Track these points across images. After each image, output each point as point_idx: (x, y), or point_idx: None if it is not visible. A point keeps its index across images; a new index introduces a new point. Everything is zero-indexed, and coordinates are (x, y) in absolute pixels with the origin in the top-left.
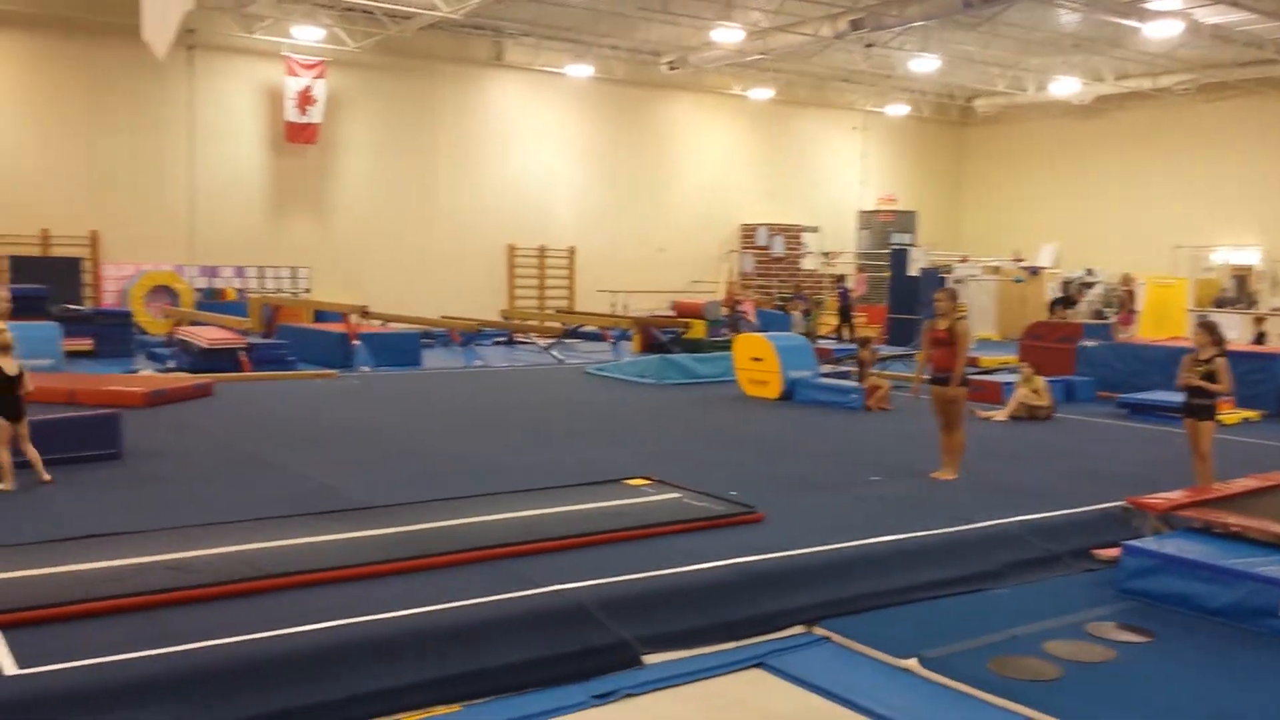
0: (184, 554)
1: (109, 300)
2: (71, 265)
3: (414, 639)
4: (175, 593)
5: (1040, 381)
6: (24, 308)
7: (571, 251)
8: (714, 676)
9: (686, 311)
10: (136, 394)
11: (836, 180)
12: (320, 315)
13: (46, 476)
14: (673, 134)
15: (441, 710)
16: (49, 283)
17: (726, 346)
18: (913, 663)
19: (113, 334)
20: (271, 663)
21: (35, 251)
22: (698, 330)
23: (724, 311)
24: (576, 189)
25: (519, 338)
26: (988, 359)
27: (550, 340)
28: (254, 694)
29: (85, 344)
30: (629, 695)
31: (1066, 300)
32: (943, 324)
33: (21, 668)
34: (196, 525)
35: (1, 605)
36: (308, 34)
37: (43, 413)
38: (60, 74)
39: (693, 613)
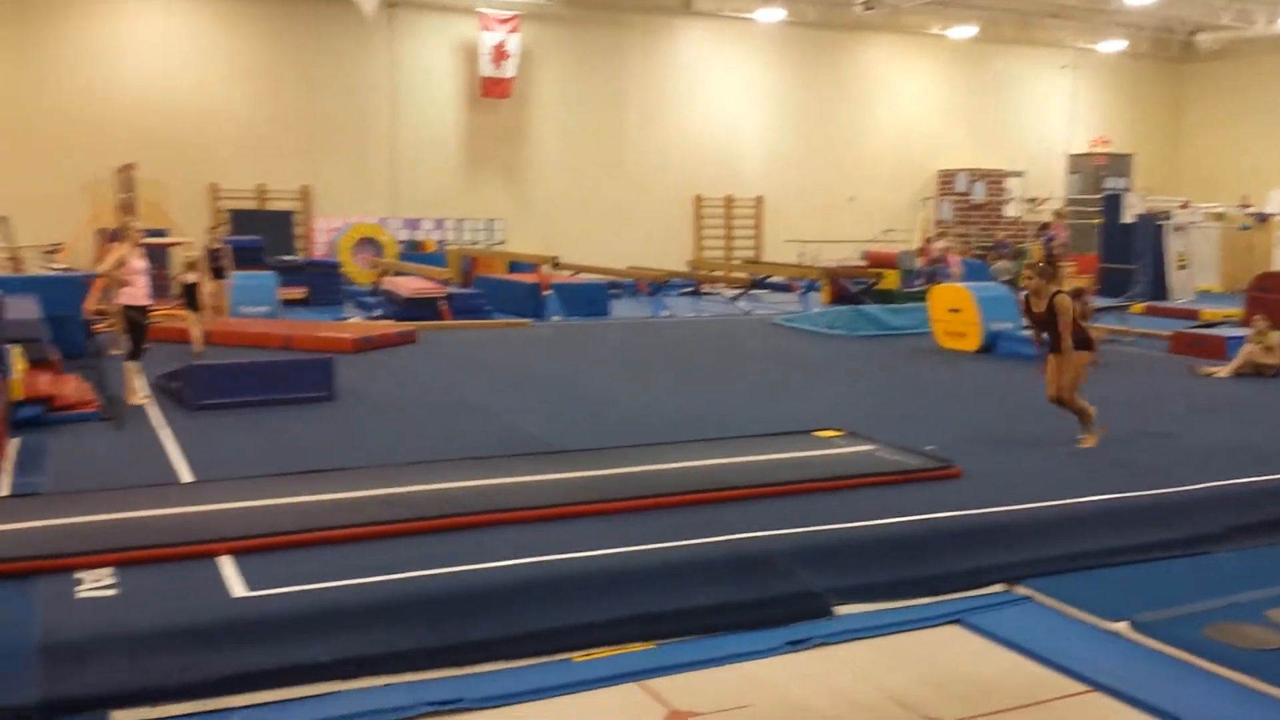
0: (394, 490)
1: (319, 251)
2: (285, 218)
3: (611, 578)
4: (387, 526)
5: (1275, 337)
6: (243, 258)
7: (759, 201)
8: (909, 631)
9: (878, 261)
10: (346, 340)
11: (1043, 122)
12: (514, 266)
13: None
14: (866, 77)
15: (636, 647)
16: (265, 235)
17: (920, 297)
18: (1123, 626)
19: (323, 283)
20: (475, 594)
21: (252, 205)
22: (890, 281)
23: (919, 262)
24: (764, 137)
25: (705, 288)
26: (1210, 311)
27: (737, 291)
28: (459, 623)
29: (299, 292)
30: (821, 644)
31: None
32: (1039, 306)
33: (250, 590)
34: (405, 463)
35: (233, 533)
36: None
37: (262, 356)
38: (278, 36)
39: (887, 566)
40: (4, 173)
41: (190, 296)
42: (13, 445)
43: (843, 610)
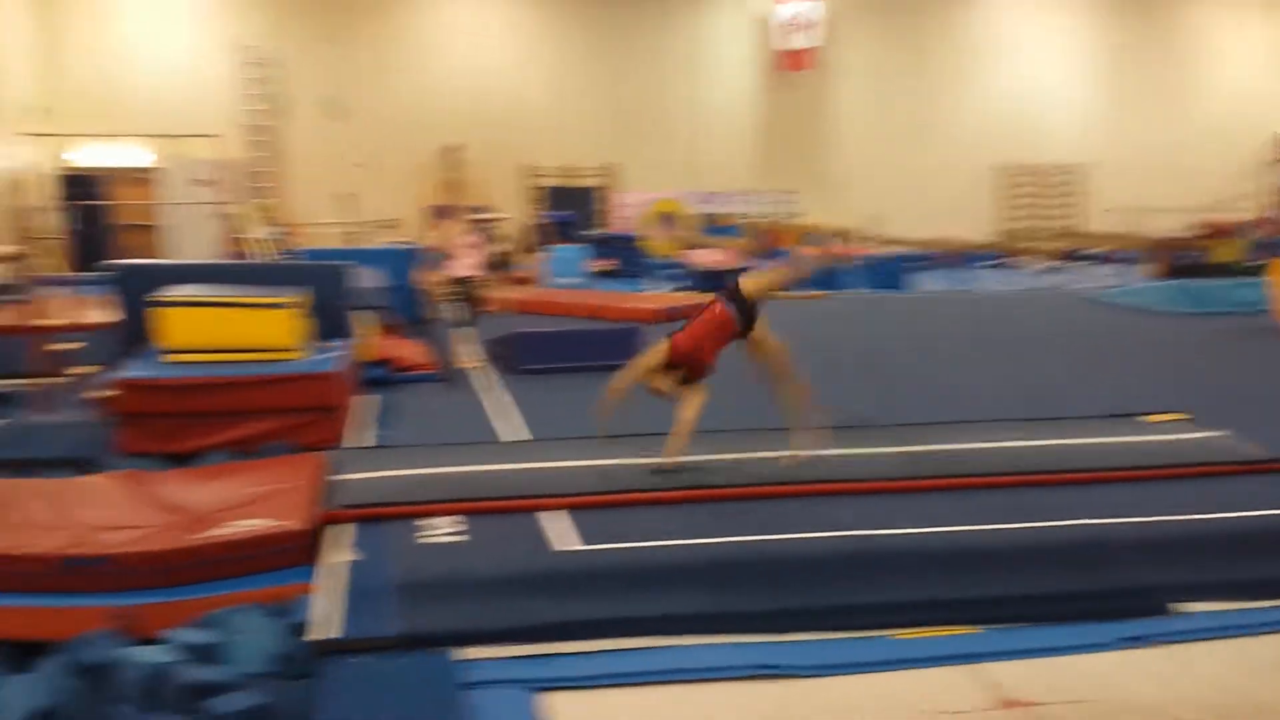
0: (706, 456)
1: (622, 226)
2: (590, 194)
3: (936, 557)
4: (710, 490)
5: None
6: (556, 232)
7: (1073, 168)
8: (1258, 634)
9: (1211, 232)
10: (648, 310)
11: None
12: (809, 238)
13: None
14: (1195, 33)
15: (963, 630)
16: (575, 210)
17: (1259, 272)
18: None
19: (626, 256)
20: (797, 563)
21: (563, 182)
22: (1226, 253)
23: (1259, 232)
24: (1079, 100)
25: (1014, 261)
26: None
27: (1049, 263)
28: (781, 589)
29: (606, 265)
30: (1158, 643)
31: None
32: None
33: (585, 544)
34: (713, 430)
35: (564, 490)
36: None
37: (574, 324)
38: (587, 20)
39: (1237, 563)
40: (353, 155)
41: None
42: (366, 402)
43: (1185, 608)
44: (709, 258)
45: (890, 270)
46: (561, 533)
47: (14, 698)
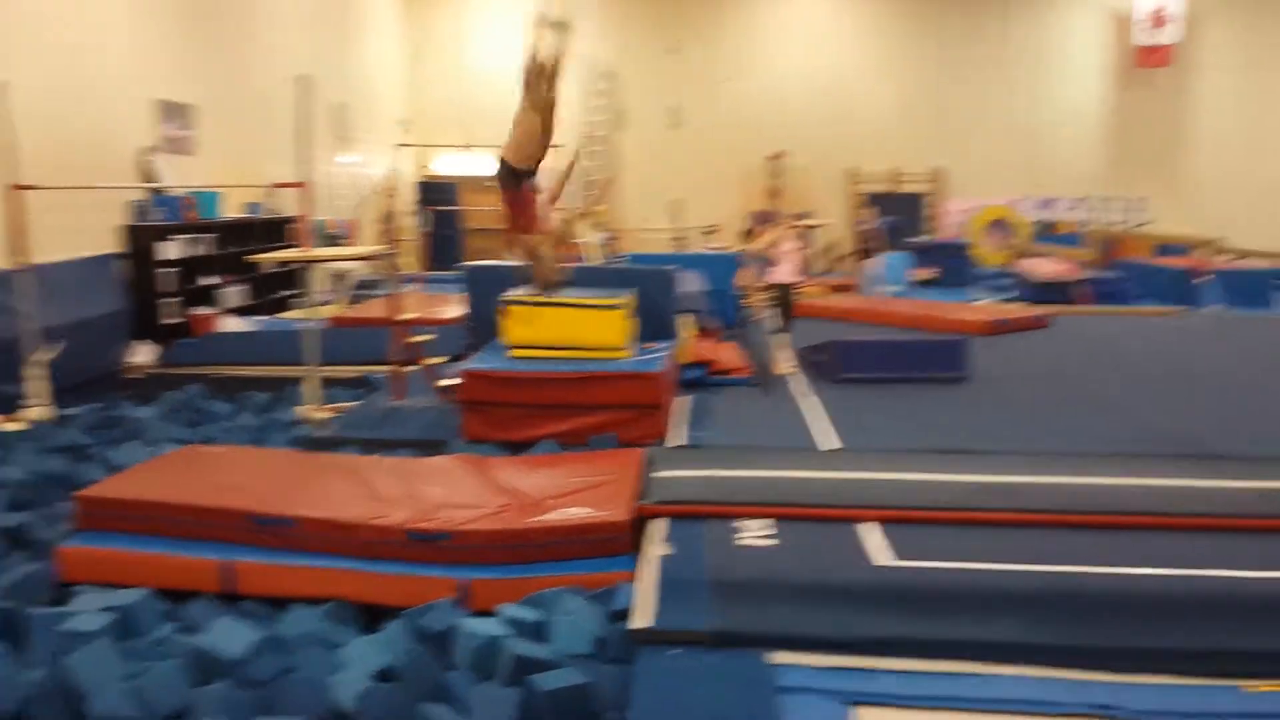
0: (1035, 479)
1: (948, 233)
2: (916, 201)
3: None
4: (1037, 515)
5: None
6: (878, 239)
7: None
8: None
9: None
10: (978, 322)
11: None
12: (1162, 249)
13: None
14: None
15: None
16: (898, 216)
17: None
18: None
19: (952, 264)
20: (1136, 599)
21: (886, 188)
22: None
23: None
24: None
25: None
26: None
27: None
28: (1117, 626)
29: (928, 273)
30: None
31: None
32: None
33: (898, 559)
34: (1047, 453)
35: (878, 502)
36: None
37: (895, 334)
38: (918, 21)
39: None
40: (680, 163)
41: None
42: (684, 402)
43: None
44: (1045, 268)
45: (1253, 286)
46: (875, 546)
47: (361, 655)
